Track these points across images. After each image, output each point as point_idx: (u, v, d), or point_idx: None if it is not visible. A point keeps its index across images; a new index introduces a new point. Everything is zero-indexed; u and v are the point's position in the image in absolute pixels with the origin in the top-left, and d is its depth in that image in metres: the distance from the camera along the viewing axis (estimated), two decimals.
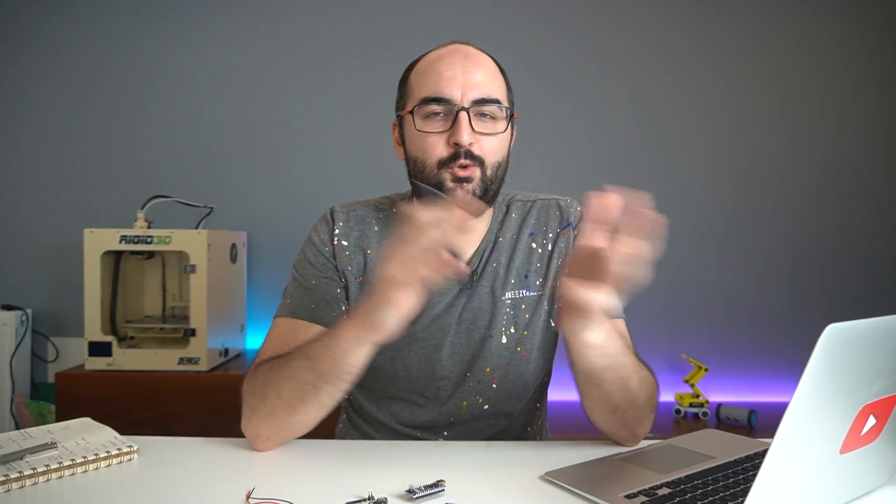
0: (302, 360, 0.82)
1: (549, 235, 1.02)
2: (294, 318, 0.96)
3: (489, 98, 0.91)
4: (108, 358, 1.89)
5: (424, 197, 0.95)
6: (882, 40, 2.34)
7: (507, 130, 0.94)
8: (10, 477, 0.72)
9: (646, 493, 0.71)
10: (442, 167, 0.91)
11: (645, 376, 0.87)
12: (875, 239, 2.34)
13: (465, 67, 0.92)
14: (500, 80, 0.96)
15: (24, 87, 2.34)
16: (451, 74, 0.91)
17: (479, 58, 0.95)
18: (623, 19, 2.35)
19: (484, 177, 0.92)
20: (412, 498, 0.68)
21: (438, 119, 0.91)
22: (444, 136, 0.91)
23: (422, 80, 0.94)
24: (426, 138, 0.92)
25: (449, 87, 0.91)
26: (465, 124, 0.89)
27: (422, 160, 0.93)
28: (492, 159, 0.92)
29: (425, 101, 0.91)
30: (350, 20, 2.35)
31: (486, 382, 0.99)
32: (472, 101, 0.90)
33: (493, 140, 0.92)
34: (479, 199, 0.92)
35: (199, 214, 2.16)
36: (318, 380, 0.81)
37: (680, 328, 2.35)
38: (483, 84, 0.92)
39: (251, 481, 0.74)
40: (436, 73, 0.92)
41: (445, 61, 0.93)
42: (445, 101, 0.90)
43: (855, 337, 0.54)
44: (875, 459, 0.67)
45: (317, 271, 0.99)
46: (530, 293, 1.00)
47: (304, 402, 0.83)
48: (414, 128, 0.93)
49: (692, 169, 2.36)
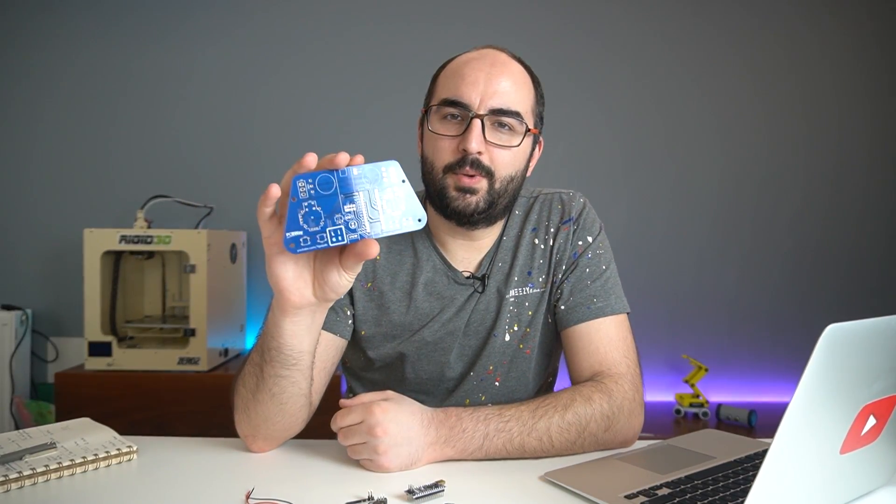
0: (255, 345, 0.82)
1: (551, 230, 1.00)
2: None
3: (508, 109, 0.89)
4: (107, 358, 1.89)
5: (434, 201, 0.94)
6: (882, 41, 2.34)
7: (521, 145, 0.91)
8: (9, 477, 0.72)
9: (646, 493, 0.71)
10: (448, 172, 0.90)
11: (582, 415, 0.84)
12: (875, 239, 2.35)
13: (489, 74, 0.90)
14: (526, 92, 0.93)
15: (24, 88, 2.34)
16: (474, 79, 0.89)
17: (508, 66, 0.92)
18: (624, 21, 2.35)
19: (491, 189, 0.90)
20: (412, 498, 0.68)
21: (454, 122, 0.90)
22: (456, 141, 0.89)
23: (447, 80, 0.93)
24: (438, 140, 0.91)
25: (469, 91, 0.89)
26: (477, 132, 0.88)
27: (431, 161, 0.93)
28: (503, 172, 0.91)
29: (444, 102, 0.90)
30: (352, 21, 2.35)
31: (489, 380, 0.99)
32: (489, 109, 0.88)
33: (506, 153, 0.90)
34: (484, 211, 0.91)
35: (198, 214, 2.16)
36: (262, 361, 0.78)
37: (680, 328, 2.35)
38: (505, 94, 0.89)
39: (251, 481, 0.74)
40: (460, 76, 0.91)
41: (472, 65, 0.91)
42: (463, 105, 0.89)
43: (855, 337, 0.54)
44: (875, 459, 0.67)
45: None
46: (533, 290, 0.99)
47: (258, 390, 0.80)
48: (429, 127, 0.92)
49: (692, 169, 2.36)
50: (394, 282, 0.98)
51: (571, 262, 0.98)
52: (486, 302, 0.98)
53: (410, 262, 0.99)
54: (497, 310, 0.98)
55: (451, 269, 0.98)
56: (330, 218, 0.64)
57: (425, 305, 0.97)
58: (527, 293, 0.99)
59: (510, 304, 0.98)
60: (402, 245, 1.00)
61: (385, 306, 0.98)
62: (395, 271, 0.99)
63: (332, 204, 0.64)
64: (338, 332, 0.96)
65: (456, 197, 0.90)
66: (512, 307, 0.98)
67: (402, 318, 0.97)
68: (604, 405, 0.87)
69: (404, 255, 1.00)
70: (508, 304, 0.98)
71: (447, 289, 0.98)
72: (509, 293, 0.98)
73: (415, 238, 1.00)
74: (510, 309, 0.98)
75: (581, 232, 0.99)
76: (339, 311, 0.97)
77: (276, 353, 0.76)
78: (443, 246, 0.99)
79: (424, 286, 0.97)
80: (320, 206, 0.63)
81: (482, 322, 0.98)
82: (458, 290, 0.98)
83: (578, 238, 0.99)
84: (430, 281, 0.98)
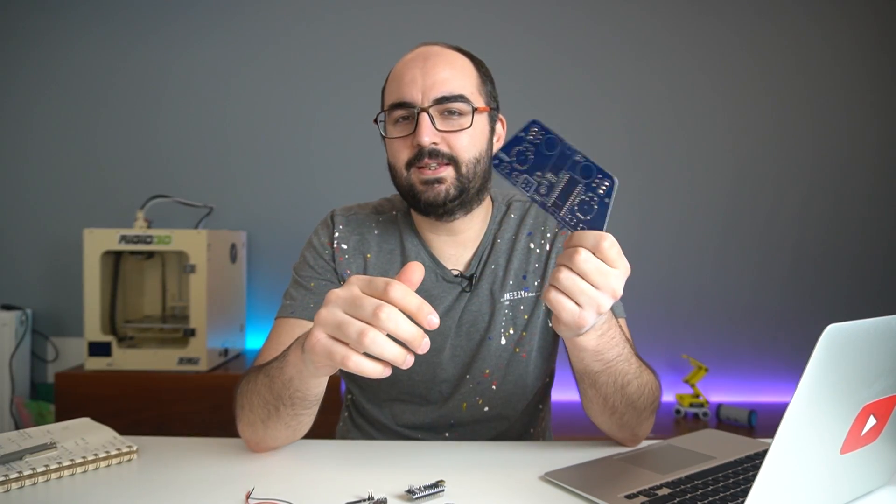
0: (264, 378, 0.79)
1: (548, 235, 1.02)
2: (294, 317, 0.96)
3: (450, 95, 0.91)
4: (107, 358, 1.89)
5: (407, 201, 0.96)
6: (880, 41, 2.33)
7: (473, 126, 0.92)
8: (9, 477, 0.72)
9: (646, 493, 0.71)
10: (409, 168, 0.92)
11: (647, 381, 0.86)
12: (875, 239, 2.35)
13: (424, 69, 0.92)
14: (467, 75, 0.94)
15: (25, 88, 2.34)
16: (412, 78, 0.91)
17: (443, 56, 0.94)
18: (619, 21, 2.35)
19: (459, 175, 0.92)
20: (412, 498, 0.68)
21: (406, 123, 0.92)
22: (409, 139, 0.91)
23: (389, 86, 0.96)
24: (393, 143, 0.93)
25: (409, 90, 0.91)
26: (425, 124, 0.89)
27: (393, 164, 0.95)
28: (465, 156, 0.92)
29: (391, 107, 0.93)
30: (351, 21, 2.35)
31: (485, 384, 0.99)
32: (432, 100, 0.90)
33: (462, 136, 0.92)
34: (456, 198, 0.92)
35: (198, 214, 2.16)
36: (276, 400, 0.78)
37: (680, 328, 2.35)
38: (445, 82, 0.91)
39: (251, 481, 0.74)
40: (399, 78, 0.93)
41: (408, 65, 0.93)
42: (407, 104, 0.91)
43: (855, 337, 0.54)
44: (875, 459, 0.67)
45: (315, 273, 1.00)
46: (528, 294, 1.00)
47: (270, 419, 0.80)
48: (382, 134, 0.95)
49: (692, 169, 2.36)
50: None
51: None
52: (478, 303, 0.99)
53: (400, 261, 1.00)
54: (491, 312, 0.98)
55: (440, 267, 0.99)
56: (532, 170, 0.67)
57: None
58: (522, 297, 1.00)
59: (505, 308, 0.99)
60: (392, 244, 1.01)
61: None
62: (385, 270, 1.00)
63: (542, 162, 0.67)
64: None
65: (424, 190, 0.92)
66: (507, 311, 0.99)
67: None
68: (654, 381, 0.88)
69: (394, 253, 1.01)
70: (504, 307, 0.99)
71: (435, 286, 0.98)
72: (504, 297, 0.99)
73: (405, 237, 1.01)
74: (505, 312, 0.99)
75: None
76: None
77: (299, 399, 0.77)
78: (430, 245, 1.01)
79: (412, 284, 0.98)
80: (534, 156, 0.67)
81: (474, 324, 0.99)
82: (446, 287, 0.99)
83: None
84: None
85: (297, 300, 0.97)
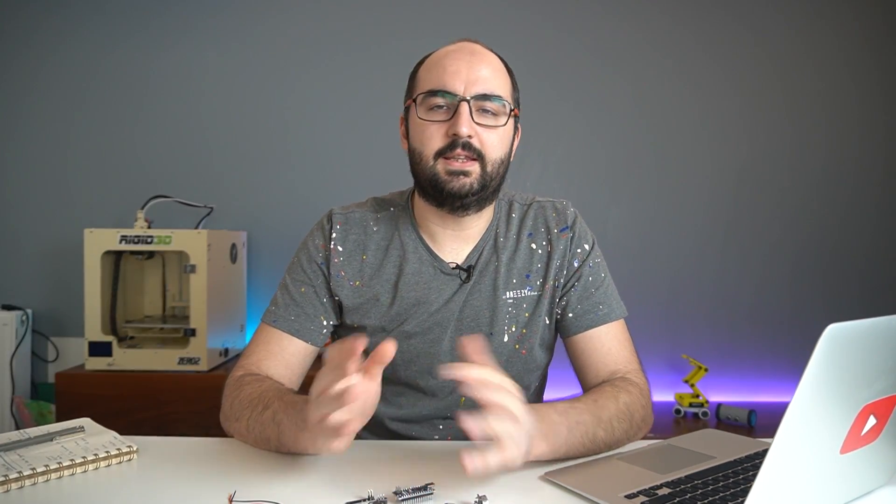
0: (271, 420, 0.82)
1: (548, 237, 1.03)
2: (275, 328, 0.98)
3: (492, 94, 0.92)
4: (108, 358, 1.89)
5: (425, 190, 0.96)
6: (884, 40, 2.33)
7: (507, 125, 0.94)
8: (9, 477, 0.72)
9: (646, 493, 0.71)
10: (438, 157, 0.92)
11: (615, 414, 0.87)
12: (875, 239, 2.34)
13: (470, 63, 0.93)
14: (504, 78, 0.96)
15: (24, 88, 2.34)
16: (456, 69, 0.92)
17: (486, 55, 0.96)
18: (625, 19, 2.35)
19: (483, 172, 0.93)
20: (397, 500, 0.68)
21: (441, 112, 0.93)
22: (444, 127, 0.92)
23: (428, 73, 0.96)
24: (427, 128, 0.93)
25: (452, 80, 0.92)
26: (466, 115, 0.90)
27: (419, 150, 0.94)
28: (492, 155, 0.93)
29: (429, 93, 0.93)
30: (350, 20, 2.35)
31: None
32: (474, 95, 0.91)
33: (493, 135, 0.93)
34: (476, 193, 0.93)
35: (199, 214, 2.16)
36: (282, 445, 0.82)
37: (680, 328, 2.35)
38: (487, 80, 0.92)
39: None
40: (441, 68, 0.94)
41: (451, 57, 0.94)
42: (448, 93, 0.91)
43: (855, 337, 0.54)
44: (875, 459, 0.67)
45: (307, 278, 1.01)
46: (531, 293, 1.01)
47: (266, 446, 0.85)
48: (416, 117, 0.94)
49: (693, 169, 2.36)
50: (381, 276, 1.00)
51: (574, 270, 1.02)
52: (479, 298, 1.00)
53: (397, 255, 1.01)
54: (493, 309, 0.99)
55: (437, 260, 1.00)
56: None
57: (411, 296, 0.99)
58: (524, 295, 1.01)
59: (508, 306, 1.00)
60: (388, 240, 1.02)
61: (374, 300, 1.00)
62: (382, 265, 1.01)
63: None
64: (310, 341, 1.00)
65: (449, 180, 0.92)
66: (511, 308, 1.00)
67: (390, 309, 0.99)
68: (639, 395, 0.93)
69: (391, 248, 1.01)
70: (507, 304, 1.00)
71: (433, 279, 0.99)
72: (507, 294, 1.00)
73: (402, 232, 1.02)
74: (509, 310, 1.00)
75: (578, 239, 1.03)
76: (315, 318, 1.00)
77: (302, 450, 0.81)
78: (431, 238, 1.01)
79: (410, 277, 0.99)
80: None
81: (475, 318, 0.99)
82: (444, 280, 0.99)
83: (577, 245, 1.03)
84: (416, 272, 1.00)
85: (281, 308, 1.00)
